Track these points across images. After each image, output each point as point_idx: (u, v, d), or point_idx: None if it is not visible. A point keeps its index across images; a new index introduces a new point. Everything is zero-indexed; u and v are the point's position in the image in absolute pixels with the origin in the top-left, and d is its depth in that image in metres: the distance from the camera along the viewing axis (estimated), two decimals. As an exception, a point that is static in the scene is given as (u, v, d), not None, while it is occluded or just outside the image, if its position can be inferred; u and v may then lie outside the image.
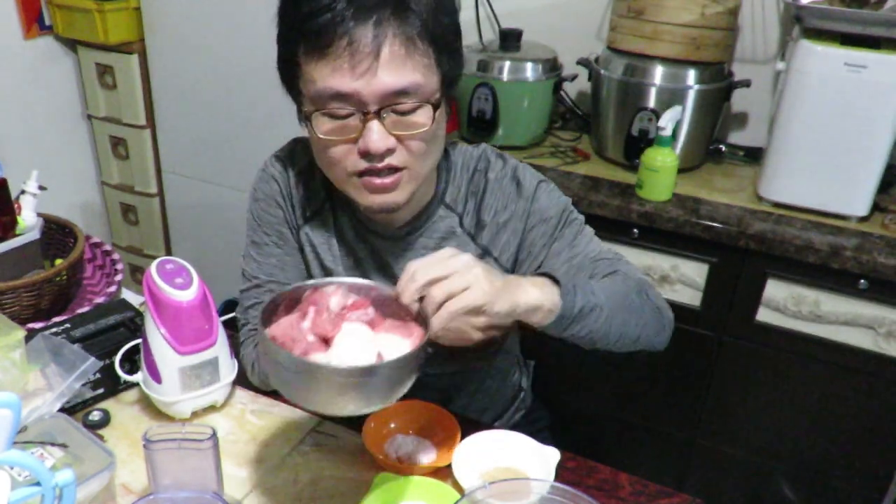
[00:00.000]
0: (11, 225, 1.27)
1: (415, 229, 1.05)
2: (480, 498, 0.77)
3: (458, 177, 1.06)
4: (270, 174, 1.08)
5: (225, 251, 2.31)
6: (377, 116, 0.86)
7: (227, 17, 1.99)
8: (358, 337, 0.76)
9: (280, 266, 1.08)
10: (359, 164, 0.90)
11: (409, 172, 0.92)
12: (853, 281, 1.47)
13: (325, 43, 0.84)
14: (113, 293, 1.32)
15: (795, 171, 1.55)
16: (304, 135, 1.10)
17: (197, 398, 1.03)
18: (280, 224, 1.08)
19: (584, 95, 2.01)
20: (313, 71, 0.87)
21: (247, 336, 1.11)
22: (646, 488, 0.97)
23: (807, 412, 1.62)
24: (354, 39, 0.83)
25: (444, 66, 0.90)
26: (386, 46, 0.84)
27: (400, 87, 0.85)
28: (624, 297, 0.95)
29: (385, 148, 0.88)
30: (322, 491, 0.94)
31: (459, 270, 0.77)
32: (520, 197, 1.03)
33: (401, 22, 0.85)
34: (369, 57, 0.83)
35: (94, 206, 2.57)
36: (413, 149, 0.90)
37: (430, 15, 0.87)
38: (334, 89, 0.86)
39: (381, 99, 0.86)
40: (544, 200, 1.04)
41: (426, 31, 0.87)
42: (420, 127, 0.89)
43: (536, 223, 1.03)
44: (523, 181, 1.04)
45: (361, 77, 0.84)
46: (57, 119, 2.36)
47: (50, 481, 0.67)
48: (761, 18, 1.83)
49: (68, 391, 0.96)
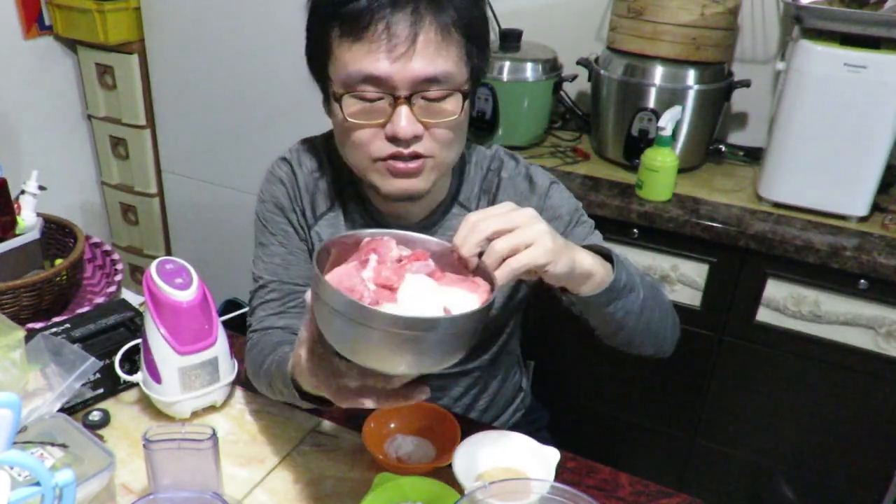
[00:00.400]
0: (11, 225, 1.27)
1: (428, 227, 1.04)
2: (480, 498, 0.77)
3: (472, 175, 1.07)
4: (277, 176, 1.08)
5: (225, 251, 2.31)
6: (407, 102, 0.87)
7: (227, 16, 1.99)
8: (424, 288, 0.71)
9: (284, 265, 1.07)
10: (384, 148, 0.90)
11: (434, 161, 0.92)
12: (853, 281, 1.47)
13: (361, 26, 0.85)
14: (113, 293, 1.32)
15: (795, 171, 1.55)
16: (304, 135, 1.11)
17: (197, 398, 1.03)
18: (285, 224, 1.07)
19: (584, 95, 2.00)
20: (346, 54, 0.87)
21: (249, 337, 1.09)
22: (646, 488, 0.97)
23: (807, 412, 1.62)
24: (392, 24, 0.84)
25: (474, 59, 0.92)
26: (422, 33, 0.85)
27: (433, 74, 0.86)
28: (651, 288, 0.96)
29: (413, 134, 0.88)
30: (322, 491, 0.94)
31: (523, 225, 0.74)
32: (533, 194, 1.04)
33: (438, 11, 0.86)
34: (406, 42, 0.84)
35: (94, 206, 2.57)
36: (439, 137, 0.91)
37: (465, 6, 0.88)
38: (367, 72, 0.86)
39: (412, 85, 0.86)
40: (556, 199, 1.05)
41: (461, 21, 0.88)
42: (449, 115, 0.90)
43: (548, 220, 1.01)
44: (536, 179, 1.05)
45: (396, 62, 0.85)
46: (57, 119, 2.36)
47: (50, 481, 0.67)
48: (761, 18, 1.83)
49: (68, 391, 0.96)
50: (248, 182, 2.16)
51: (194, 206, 2.34)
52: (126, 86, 2.25)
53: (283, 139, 1.15)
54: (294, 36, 1.90)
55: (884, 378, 1.53)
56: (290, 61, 1.94)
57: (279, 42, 1.93)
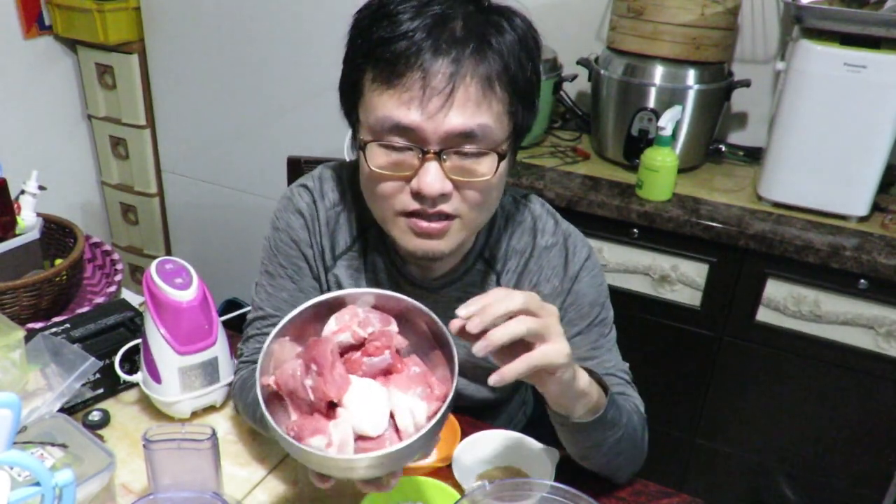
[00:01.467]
0: (11, 225, 1.27)
1: (451, 282, 0.98)
2: (480, 498, 0.77)
3: (501, 230, 0.99)
4: (297, 206, 0.99)
5: (225, 251, 2.31)
6: (437, 157, 0.80)
7: (227, 16, 1.99)
8: (371, 396, 0.69)
9: (291, 301, 0.99)
10: (409, 204, 0.84)
11: (461, 222, 0.86)
12: (853, 281, 1.47)
13: (396, 73, 0.78)
14: (113, 293, 1.32)
15: (795, 171, 1.55)
16: (304, 135, 1.09)
17: (197, 398, 1.03)
18: (298, 259, 1.00)
19: (584, 95, 2.00)
20: (377, 99, 0.81)
21: (238, 369, 1.04)
22: (646, 488, 0.97)
23: (807, 412, 1.62)
24: (429, 74, 0.78)
25: (517, 116, 0.85)
26: (462, 86, 0.78)
27: (468, 128, 0.80)
28: (634, 432, 0.92)
29: (440, 192, 0.81)
30: (322, 491, 0.94)
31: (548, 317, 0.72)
32: (565, 274, 0.98)
33: (480, 60, 0.79)
34: (442, 95, 0.78)
35: (94, 206, 2.57)
36: (469, 198, 0.84)
37: (512, 57, 0.81)
38: (398, 121, 0.80)
39: (444, 139, 0.80)
40: (585, 285, 0.98)
41: (506, 73, 0.81)
42: (481, 176, 0.83)
43: (570, 306, 0.98)
44: (571, 255, 0.98)
45: (429, 113, 0.78)
46: (57, 119, 2.36)
47: (50, 481, 0.67)
48: (761, 18, 1.83)
49: (68, 391, 0.96)
50: (248, 182, 2.16)
51: (194, 206, 2.34)
52: (126, 86, 2.25)
53: (283, 139, 1.14)
54: (294, 36, 1.91)
55: (884, 378, 1.53)
56: (291, 61, 1.94)
57: (279, 42, 1.93)
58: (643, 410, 0.99)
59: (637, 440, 0.94)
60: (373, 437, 0.67)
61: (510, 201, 1.00)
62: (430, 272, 0.98)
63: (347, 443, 0.67)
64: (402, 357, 0.74)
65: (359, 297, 0.74)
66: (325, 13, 1.82)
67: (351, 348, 0.72)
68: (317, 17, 1.84)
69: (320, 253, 1.00)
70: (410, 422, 0.68)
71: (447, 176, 0.81)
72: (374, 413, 0.68)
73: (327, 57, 1.01)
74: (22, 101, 2.22)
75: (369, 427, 0.67)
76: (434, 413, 0.68)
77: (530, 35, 0.85)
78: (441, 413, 0.67)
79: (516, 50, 0.82)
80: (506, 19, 0.83)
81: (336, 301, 0.74)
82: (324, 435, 0.67)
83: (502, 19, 0.83)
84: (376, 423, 0.67)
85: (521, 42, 0.84)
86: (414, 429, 0.68)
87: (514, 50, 0.82)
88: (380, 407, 0.68)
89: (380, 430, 0.67)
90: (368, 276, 1.00)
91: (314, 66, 1.88)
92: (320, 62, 1.83)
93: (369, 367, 0.71)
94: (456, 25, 0.80)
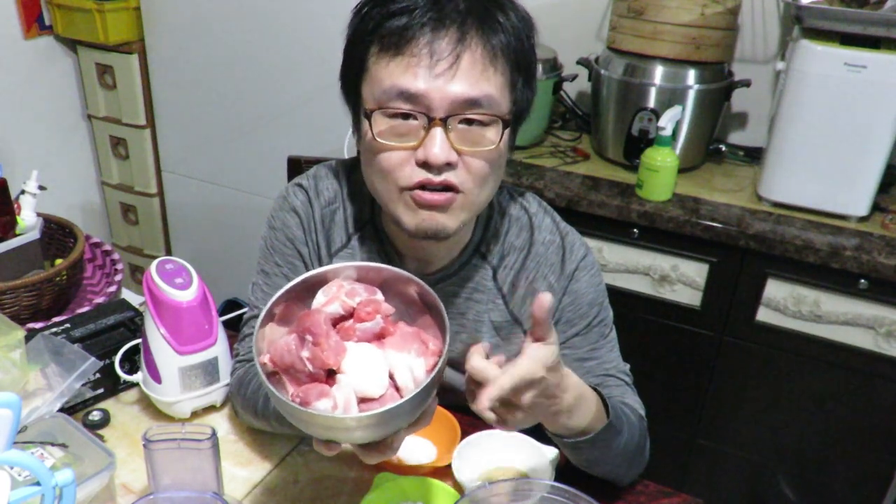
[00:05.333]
0: (11, 225, 1.27)
1: (446, 276, 0.98)
2: (480, 498, 0.77)
3: (497, 224, 0.99)
4: (291, 205, 1.00)
5: (225, 251, 2.31)
6: (443, 124, 0.81)
7: (227, 16, 1.99)
8: (368, 358, 0.69)
9: None
10: (414, 175, 0.83)
11: (464, 197, 0.85)
12: (853, 281, 1.47)
13: (403, 41, 0.80)
14: (113, 293, 1.32)
15: (795, 171, 1.55)
16: (304, 135, 1.09)
17: (197, 398, 1.03)
18: (294, 257, 1.00)
19: (584, 95, 2.00)
20: (384, 70, 0.82)
21: (235, 368, 1.03)
22: (646, 488, 0.97)
23: (807, 412, 1.62)
24: (436, 40, 0.80)
25: (517, 91, 0.86)
26: (467, 54, 0.80)
27: (473, 96, 0.80)
28: (634, 440, 0.91)
29: (446, 159, 0.81)
30: (322, 491, 0.94)
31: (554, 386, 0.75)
32: (561, 272, 0.98)
33: (486, 33, 0.81)
34: (448, 60, 0.79)
35: (94, 206, 2.57)
36: (474, 169, 0.84)
37: (515, 33, 0.84)
38: (404, 88, 0.80)
39: (451, 106, 0.80)
40: (584, 285, 0.98)
41: (509, 48, 0.83)
42: (487, 144, 0.83)
43: (568, 306, 0.98)
44: (568, 254, 0.98)
45: (436, 79, 0.79)
46: (57, 119, 2.36)
47: (50, 481, 0.67)
48: (761, 18, 1.83)
49: (68, 391, 0.96)
50: (248, 182, 2.16)
51: (194, 206, 2.34)
52: (126, 86, 2.25)
53: (283, 139, 1.14)
54: (294, 36, 1.91)
55: (884, 378, 1.53)
56: (291, 61, 1.94)
57: (279, 42, 1.93)
58: (643, 413, 0.98)
59: (638, 447, 0.93)
60: (375, 398, 0.68)
61: (507, 197, 1.01)
62: (427, 266, 0.98)
63: (351, 404, 0.67)
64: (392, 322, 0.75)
65: (341, 271, 0.75)
66: (326, 13, 1.82)
67: (341, 319, 0.73)
68: (317, 16, 1.84)
69: (316, 250, 1.00)
70: (410, 378, 0.69)
71: (453, 145, 0.82)
72: (374, 374, 0.68)
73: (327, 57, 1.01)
74: (22, 101, 2.22)
75: (371, 388, 0.68)
76: (433, 367, 0.69)
77: (528, 22, 0.88)
78: (439, 365, 0.68)
79: (518, 26, 0.85)
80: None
81: (319, 278, 0.75)
82: (328, 398, 0.67)
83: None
84: (377, 383, 0.68)
85: (523, 20, 0.86)
86: (414, 384, 0.68)
87: (517, 25, 0.84)
88: (378, 368, 0.69)
89: (381, 390, 0.68)
90: None
91: (314, 66, 1.88)
92: (320, 62, 1.83)
93: (363, 333, 0.72)
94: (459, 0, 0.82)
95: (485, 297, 0.99)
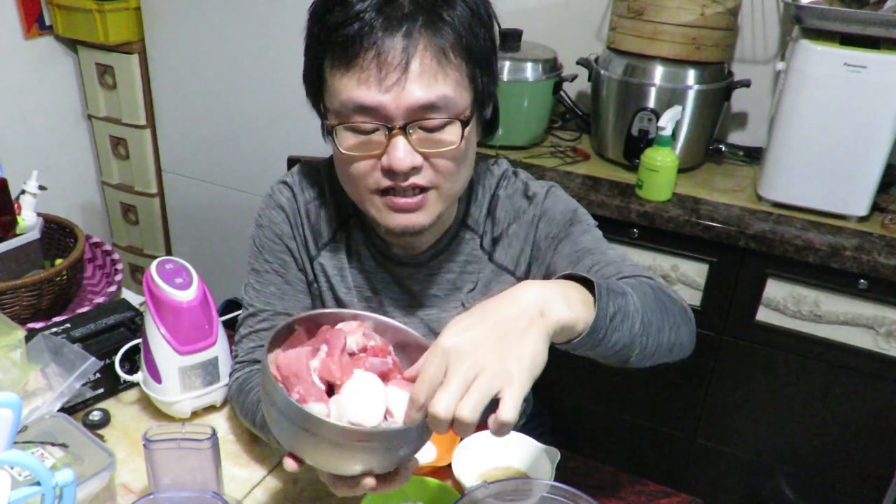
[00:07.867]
0: (11, 225, 1.27)
1: (438, 253, 1.00)
2: (480, 498, 0.77)
3: (480, 197, 1.01)
4: (277, 202, 1.02)
5: (225, 251, 2.31)
6: (403, 132, 0.82)
7: (227, 17, 1.99)
8: (369, 387, 0.70)
9: (279, 294, 1.02)
10: (382, 181, 0.85)
11: (437, 192, 0.87)
12: (853, 281, 1.47)
13: (351, 54, 0.80)
14: (113, 293, 1.32)
15: (795, 171, 1.55)
16: (303, 135, 1.10)
17: (197, 398, 1.03)
18: (283, 252, 1.02)
19: (584, 95, 2.01)
20: (338, 83, 0.83)
21: (234, 370, 1.03)
22: (646, 488, 0.97)
23: (807, 412, 1.62)
24: (383, 51, 0.79)
25: (477, 83, 0.86)
26: (416, 59, 0.80)
27: (428, 101, 0.81)
28: (653, 298, 0.83)
29: (410, 166, 0.83)
30: (322, 491, 0.94)
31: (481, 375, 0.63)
32: (530, 205, 1.00)
33: (433, 33, 0.81)
34: (398, 69, 0.80)
35: (94, 206, 2.57)
36: (440, 168, 0.86)
37: (464, 27, 0.83)
38: (359, 102, 0.81)
39: (407, 113, 0.81)
40: (551, 203, 1.00)
41: (460, 43, 0.83)
42: (448, 145, 0.84)
43: (544, 225, 1.00)
44: (532, 192, 1.00)
45: (389, 90, 0.80)
46: (57, 119, 2.36)
47: (50, 481, 0.67)
48: (761, 18, 1.83)
49: (68, 391, 0.96)
50: (248, 182, 2.16)
51: (194, 206, 2.34)
52: (126, 86, 2.25)
53: (283, 139, 1.15)
54: (294, 36, 1.90)
55: (884, 378, 1.53)
56: (290, 61, 1.94)
57: (279, 42, 1.93)
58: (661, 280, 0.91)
59: (667, 306, 0.85)
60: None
61: (485, 170, 1.03)
62: (414, 248, 1.00)
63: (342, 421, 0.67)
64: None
65: (365, 318, 0.76)
66: (326, 13, 1.82)
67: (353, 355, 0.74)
68: (317, 17, 1.84)
69: (304, 244, 1.02)
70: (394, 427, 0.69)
71: (416, 150, 0.83)
72: (371, 404, 0.69)
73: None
74: (22, 101, 2.22)
75: (365, 416, 0.68)
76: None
77: (482, 5, 0.86)
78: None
79: (468, 20, 0.84)
80: None
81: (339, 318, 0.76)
82: (325, 404, 0.68)
83: None
84: (372, 413, 0.68)
85: (473, 13, 0.85)
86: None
87: (466, 20, 0.83)
88: (376, 399, 0.69)
89: (375, 420, 0.68)
90: (353, 263, 1.02)
91: (314, 66, 1.88)
92: (320, 62, 1.83)
93: (371, 366, 0.72)
94: (405, 1, 0.81)
95: (477, 266, 1.01)
